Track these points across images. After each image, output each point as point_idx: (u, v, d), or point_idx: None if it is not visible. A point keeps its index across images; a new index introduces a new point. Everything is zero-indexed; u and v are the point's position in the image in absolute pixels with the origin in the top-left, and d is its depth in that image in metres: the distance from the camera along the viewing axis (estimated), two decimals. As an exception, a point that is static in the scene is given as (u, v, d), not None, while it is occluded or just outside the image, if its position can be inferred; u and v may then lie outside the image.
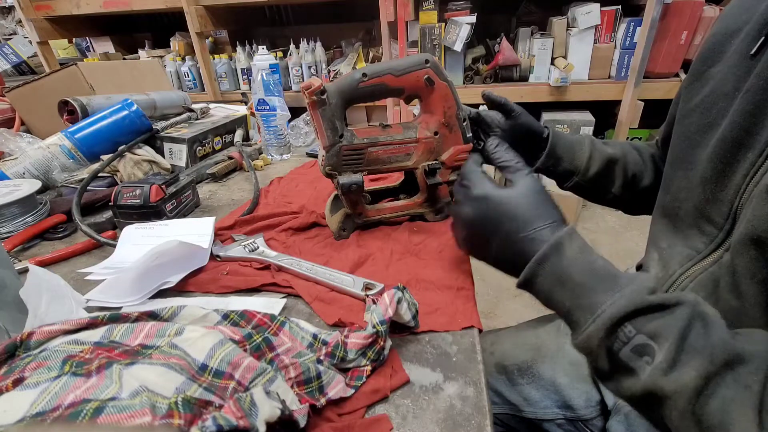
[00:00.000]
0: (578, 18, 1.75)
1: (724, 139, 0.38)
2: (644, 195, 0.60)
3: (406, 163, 0.56)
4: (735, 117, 0.37)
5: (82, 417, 0.23)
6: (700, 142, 0.41)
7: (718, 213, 0.38)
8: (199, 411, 0.25)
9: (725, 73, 0.40)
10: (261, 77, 0.86)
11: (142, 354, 0.31)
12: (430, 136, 0.55)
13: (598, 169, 0.59)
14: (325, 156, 0.52)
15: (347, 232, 0.58)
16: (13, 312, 0.39)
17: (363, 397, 0.34)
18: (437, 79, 0.52)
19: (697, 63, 0.45)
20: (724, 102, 0.39)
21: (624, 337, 0.30)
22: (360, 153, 0.53)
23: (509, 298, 1.62)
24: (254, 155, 0.94)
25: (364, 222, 0.58)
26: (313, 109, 0.49)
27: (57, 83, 0.97)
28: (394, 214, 0.60)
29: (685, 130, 0.44)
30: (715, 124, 0.40)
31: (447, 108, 0.54)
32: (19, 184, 0.64)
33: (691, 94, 0.45)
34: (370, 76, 0.50)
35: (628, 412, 0.49)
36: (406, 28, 1.87)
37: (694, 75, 0.45)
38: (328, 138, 0.51)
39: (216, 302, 0.46)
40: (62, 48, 2.80)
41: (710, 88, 0.42)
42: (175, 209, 0.65)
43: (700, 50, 0.46)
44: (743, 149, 0.36)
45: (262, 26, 2.67)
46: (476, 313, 0.43)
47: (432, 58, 0.52)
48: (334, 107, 0.50)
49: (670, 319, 0.30)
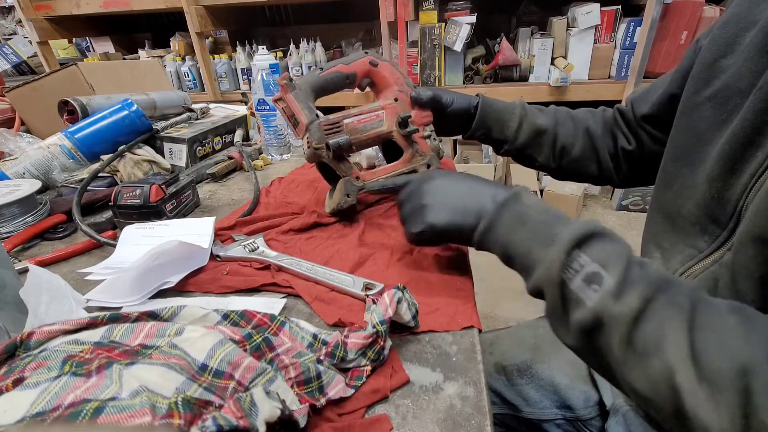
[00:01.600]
0: (578, 18, 1.75)
1: (734, 137, 0.37)
2: (572, 165, 0.64)
3: (381, 128, 0.61)
4: (747, 114, 0.36)
5: (82, 417, 0.23)
6: (710, 139, 0.40)
7: (723, 212, 0.38)
8: (199, 411, 0.25)
9: (739, 67, 0.39)
10: (261, 77, 0.86)
11: (142, 354, 0.31)
12: (392, 103, 0.62)
13: (525, 140, 0.63)
14: (309, 134, 0.56)
15: (352, 197, 0.59)
16: (13, 312, 0.39)
17: (363, 397, 0.34)
18: (379, 60, 0.63)
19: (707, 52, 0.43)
20: (739, 99, 0.38)
21: (578, 265, 0.31)
22: (338, 125, 0.58)
23: (509, 298, 1.62)
24: (254, 155, 0.94)
25: (363, 185, 0.60)
26: (287, 93, 0.56)
27: (57, 83, 0.97)
28: (387, 174, 0.62)
29: (694, 125, 0.42)
30: (728, 121, 0.38)
31: (396, 79, 0.63)
32: (19, 184, 0.64)
33: (700, 85, 0.43)
34: (325, 68, 0.60)
35: (626, 412, 0.49)
36: (406, 28, 1.87)
37: (704, 64, 0.43)
38: (306, 116, 0.56)
39: (216, 302, 0.46)
40: (62, 48, 2.80)
41: (723, 83, 0.40)
42: (175, 209, 0.65)
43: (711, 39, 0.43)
44: (753, 148, 0.35)
45: (262, 26, 2.67)
46: (476, 313, 0.43)
47: (370, 50, 0.62)
48: (305, 92, 0.57)
49: (618, 247, 0.32)
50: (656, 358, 0.27)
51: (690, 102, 0.44)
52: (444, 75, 1.97)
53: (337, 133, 0.58)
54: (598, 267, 0.31)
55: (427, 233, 0.44)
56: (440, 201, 0.43)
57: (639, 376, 0.28)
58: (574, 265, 0.32)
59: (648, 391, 0.28)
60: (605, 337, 0.30)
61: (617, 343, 0.29)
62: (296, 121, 0.57)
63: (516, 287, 1.68)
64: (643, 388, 0.28)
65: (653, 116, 0.55)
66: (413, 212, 0.45)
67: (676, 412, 0.26)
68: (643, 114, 0.56)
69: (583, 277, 0.31)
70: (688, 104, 0.44)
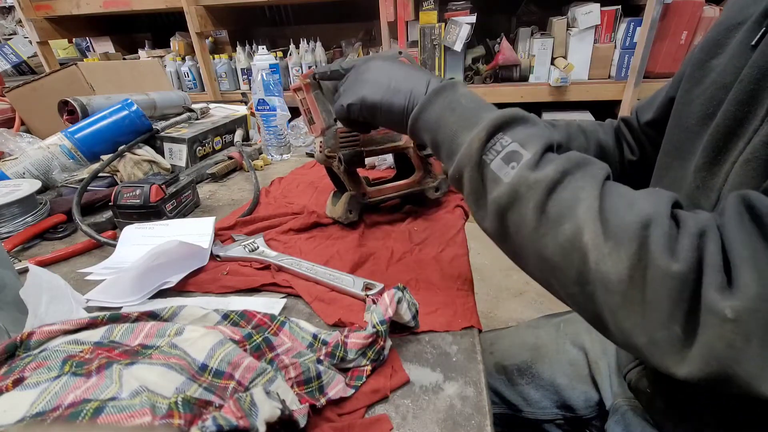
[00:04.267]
0: (578, 18, 1.75)
1: (717, 129, 0.38)
2: None
3: (398, 142, 0.60)
4: (729, 106, 0.37)
5: (82, 417, 0.23)
6: (698, 133, 0.41)
7: (708, 201, 0.39)
8: (199, 411, 0.25)
9: (725, 65, 0.40)
10: (261, 77, 0.86)
11: (142, 354, 0.31)
12: None
13: None
14: (323, 139, 0.55)
15: (354, 214, 0.59)
16: (13, 312, 0.39)
17: (363, 397, 0.34)
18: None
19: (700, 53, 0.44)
20: (723, 93, 0.39)
21: (499, 146, 0.33)
22: (355, 136, 0.57)
23: (509, 298, 1.62)
24: (254, 155, 0.94)
25: (368, 202, 0.59)
26: (309, 92, 0.54)
27: (57, 83, 0.97)
28: (395, 193, 0.61)
29: (685, 120, 0.44)
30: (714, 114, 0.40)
31: None
32: (19, 184, 0.64)
33: (692, 84, 0.44)
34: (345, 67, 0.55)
35: (625, 412, 0.49)
36: (406, 28, 1.87)
37: (696, 64, 0.45)
38: (324, 120, 0.54)
39: (216, 302, 0.46)
40: (62, 48, 2.80)
41: (711, 80, 0.42)
42: (175, 209, 0.65)
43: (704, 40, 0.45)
44: (735, 138, 0.36)
45: (262, 26, 2.66)
46: (476, 313, 0.43)
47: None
48: (328, 94, 0.55)
49: (540, 130, 0.34)
50: (567, 222, 0.29)
51: (682, 100, 0.46)
52: (444, 75, 1.96)
53: (353, 144, 0.56)
54: (517, 146, 0.32)
55: (356, 106, 0.43)
56: (377, 78, 0.43)
57: (549, 242, 0.30)
58: (496, 146, 0.33)
59: (556, 256, 0.29)
60: (520, 208, 0.31)
61: (531, 210, 0.30)
62: (312, 119, 0.56)
63: (516, 287, 1.68)
64: (553, 254, 0.29)
65: (656, 121, 0.55)
66: (349, 86, 0.45)
67: (579, 274, 0.28)
68: (646, 120, 0.57)
69: (503, 156, 0.32)
70: (680, 102, 0.46)
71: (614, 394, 0.52)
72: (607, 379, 0.54)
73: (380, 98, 0.42)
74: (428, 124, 0.38)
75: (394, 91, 0.41)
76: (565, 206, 0.29)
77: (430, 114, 0.38)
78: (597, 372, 0.55)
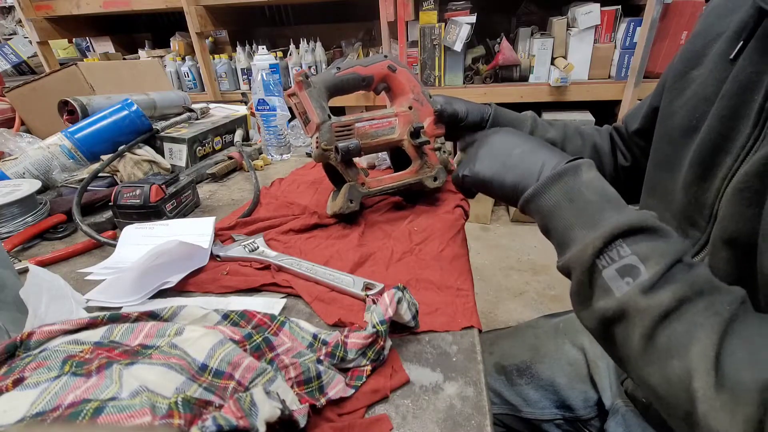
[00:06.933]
0: (578, 18, 1.75)
1: (703, 144, 0.38)
2: None
3: (392, 135, 0.61)
4: (713, 121, 0.37)
5: (82, 417, 0.23)
6: (684, 145, 0.42)
7: (701, 216, 0.39)
8: (199, 411, 0.25)
9: (706, 77, 0.41)
10: (261, 77, 0.86)
11: (142, 354, 0.31)
12: (406, 110, 0.62)
13: None
14: (319, 134, 0.55)
15: (355, 203, 0.59)
16: (13, 312, 0.39)
17: (363, 397, 0.34)
18: (397, 65, 0.62)
19: (680, 63, 0.45)
20: (705, 106, 0.40)
21: (616, 254, 0.31)
22: (349, 129, 0.57)
23: (509, 298, 1.62)
24: (254, 155, 0.94)
25: (367, 192, 0.60)
26: (301, 90, 0.55)
27: (57, 83, 0.97)
28: (393, 183, 0.62)
29: (669, 131, 0.45)
30: (697, 127, 0.40)
31: (413, 87, 0.62)
32: (19, 184, 0.64)
33: (673, 95, 0.45)
34: (343, 68, 0.59)
35: (625, 412, 0.49)
36: (406, 28, 1.87)
37: (677, 75, 0.45)
38: (318, 115, 0.55)
39: (216, 302, 0.46)
40: (62, 48, 2.80)
41: (692, 91, 0.42)
42: (175, 209, 0.65)
43: (683, 51, 0.46)
44: (722, 154, 0.37)
45: (262, 26, 2.66)
46: (476, 313, 0.43)
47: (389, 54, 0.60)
48: (319, 90, 0.56)
49: (666, 246, 0.30)
50: (677, 359, 0.26)
51: (666, 111, 0.46)
52: (444, 75, 1.96)
53: (348, 137, 0.57)
54: (637, 260, 0.30)
55: (469, 179, 0.45)
56: (493, 153, 0.43)
57: (655, 372, 0.28)
58: (612, 253, 0.31)
59: (661, 388, 0.27)
60: (626, 328, 0.29)
61: (638, 337, 0.28)
62: (307, 119, 0.57)
63: (516, 287, 1.68)
64: (658, 384, 0.28)
65: (642, 130, 0.56)
66: (470, 158, 0.46)
67: (687, 415, 0.26)
68: (634, 129, 0.57)
69: (618, 267, 0.30)
70: (664, 113, 0.47)
71: (614, 394, 0.53)
72: (606, 379, 0.54)
73: (492, 175, 0.42)
74: (541, 209, 0.37)
75: (511, 170, 0.41)
76: (676, 341, 0.27)
77: (545, 200, 0.37)
78: (596, 372, 0.55)
